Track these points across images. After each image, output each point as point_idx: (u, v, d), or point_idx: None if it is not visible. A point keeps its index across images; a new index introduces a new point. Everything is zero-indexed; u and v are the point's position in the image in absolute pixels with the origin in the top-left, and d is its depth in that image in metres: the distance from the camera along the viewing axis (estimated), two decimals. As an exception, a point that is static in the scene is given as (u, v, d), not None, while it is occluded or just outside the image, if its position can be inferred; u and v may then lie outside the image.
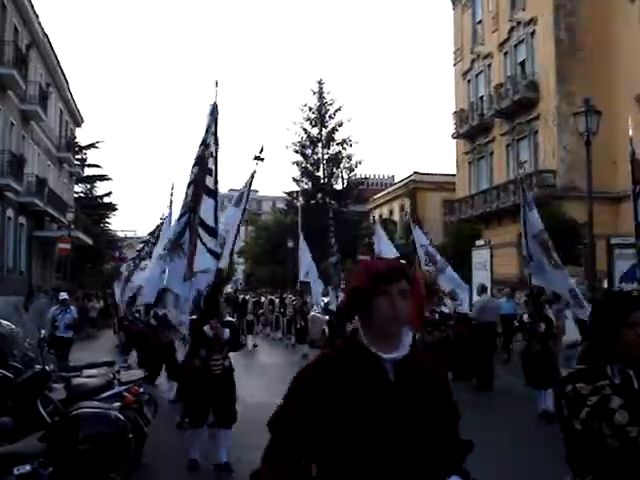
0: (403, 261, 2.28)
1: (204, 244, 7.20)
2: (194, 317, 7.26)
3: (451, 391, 2.27)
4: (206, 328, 6.81)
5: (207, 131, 7.42)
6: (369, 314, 2.12)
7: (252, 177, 8.13)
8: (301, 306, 19.16)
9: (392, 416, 2.01)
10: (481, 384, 12.15)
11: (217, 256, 7.34)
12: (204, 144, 7.37)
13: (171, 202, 15.08)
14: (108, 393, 6.58)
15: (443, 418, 2.14)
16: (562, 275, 9.58)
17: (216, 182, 7.42)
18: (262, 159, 7.75)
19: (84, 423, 5.19)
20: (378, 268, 2.16)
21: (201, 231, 7.23)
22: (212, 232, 7.31)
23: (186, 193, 7.40)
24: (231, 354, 7.35)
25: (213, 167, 7.38)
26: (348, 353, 2.14)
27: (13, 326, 7.32)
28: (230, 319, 8.14)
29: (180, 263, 7.16)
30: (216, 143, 7.41)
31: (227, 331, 7.01)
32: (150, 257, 13.76)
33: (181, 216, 7.43)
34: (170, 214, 14.91)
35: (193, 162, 7.41)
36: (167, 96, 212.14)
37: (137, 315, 13.84)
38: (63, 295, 14.58)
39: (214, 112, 7.45)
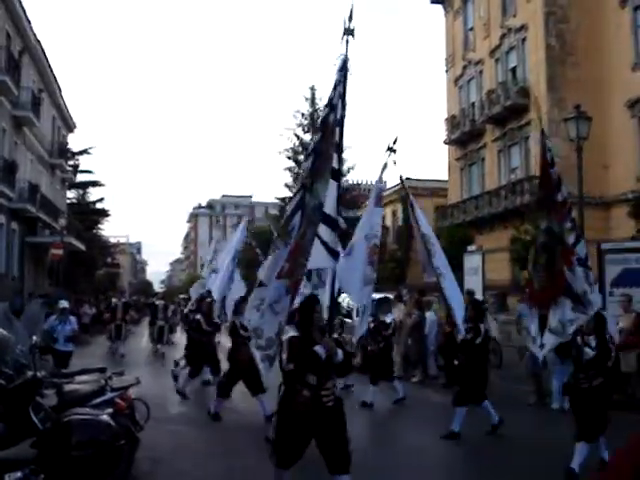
0: None
1: (320, 237, 5.73)
2: (294, 334, 5.48)
3: None
4: (318, 348, 5.28)
5: (334, 89, 5.87)
6: None
7: (383, 170, 7.09)
8: None
9: None
10: None
11: (336, 255, 5.94)
12: (330, 105, 5.85)
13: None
14: (100, 399, 6.56)
15: None
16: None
17: (340, 159, 6.01)
18: (395, 150, 6.76)
19: (76, 430, 5.17)
20: None
21: (317, 219, 5.66)
22: (332, 223, 5.87)
23: (303, 167, 5.93)
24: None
25: (338, 139, 5.88)
26: None
27: (5, 332, 7.29)
28: (336, 336, 6.94)
29: (280, 255, 5.46)
30: (343, 107, 5.88)
31: (340, 352, 5.60)
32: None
33: (295, 193, 5.85)
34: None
35: (319, 126, 6.01)
36: (157, 102, 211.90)
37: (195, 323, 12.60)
38: (63, 303, 12.75)
39: (344, 67, 5.87)
